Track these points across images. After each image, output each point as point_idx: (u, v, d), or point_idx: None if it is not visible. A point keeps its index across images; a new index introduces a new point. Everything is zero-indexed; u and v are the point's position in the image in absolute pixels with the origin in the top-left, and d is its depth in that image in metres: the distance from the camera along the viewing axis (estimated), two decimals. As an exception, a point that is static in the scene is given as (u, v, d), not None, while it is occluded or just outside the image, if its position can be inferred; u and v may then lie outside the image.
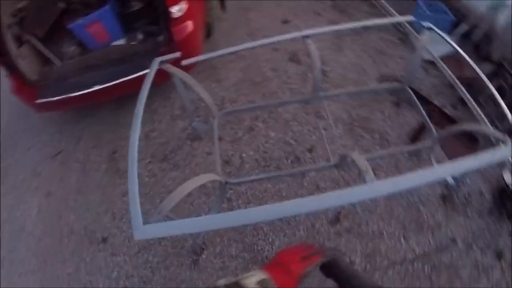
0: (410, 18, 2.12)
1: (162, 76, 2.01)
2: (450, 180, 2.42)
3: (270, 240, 2.40)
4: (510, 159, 1.74)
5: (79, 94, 2.67)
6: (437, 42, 2.30)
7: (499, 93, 2.79)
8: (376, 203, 2.51)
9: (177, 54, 2.13)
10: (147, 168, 2.84)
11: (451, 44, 2.05)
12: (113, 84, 2.71)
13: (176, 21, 2.64)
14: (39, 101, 2.66)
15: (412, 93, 2.43)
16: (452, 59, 2.86)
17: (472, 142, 2.71)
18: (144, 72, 2.73)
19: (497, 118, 2.68)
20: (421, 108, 2.36)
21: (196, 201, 2.61)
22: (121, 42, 2.97)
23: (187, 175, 2.77)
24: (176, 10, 2.60)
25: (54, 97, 2.65)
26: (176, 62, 2.12)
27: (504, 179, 2.41)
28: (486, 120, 2.38)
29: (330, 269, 0.78)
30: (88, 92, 2.68)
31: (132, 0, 2.99)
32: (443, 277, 2.22)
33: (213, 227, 1.33)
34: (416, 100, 2.40)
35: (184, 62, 2.25)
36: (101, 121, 3.20)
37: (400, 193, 2.48)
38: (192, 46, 2.81)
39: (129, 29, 2.98)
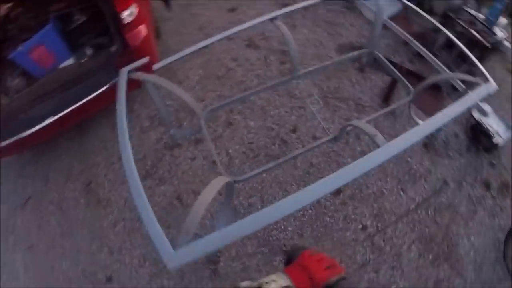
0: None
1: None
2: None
3: (282, 227, 2.39)
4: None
5: (37, 130, 2.37)
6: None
7: (449, 42, 3.04)
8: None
9: (146, 59, 2.00)
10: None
11: (405, 4, 2.20)
12: (72, 110, 2.45)
13: (129, 27, 2.44)
14: (-7, 147, 2.31)
15: (381, 56, 2.55)
16: (399, 18, 3.04)
17: (436, 91, 2.93)
18: (103, 89, 2.52)
19: (453, 64, 2.92)
20: (394, 68, 2.48)
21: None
22: (69, 62, 2.67)
23: (176, 187, 2.63)
24: (127, 15, 2.40)
25: (8, 139, 2.31)
26: (142, 69, 1.98)
27: (473, 117, 2.65)
28: (445, 68, 2.58)
29: None
30: (46, 125, 2.39)
31: (73, 14, 2.69)
32: (446, 217, 2.40)
33: (251, 230, 1.28)
34: (387, 62, 2.52)
35: (156, 66, 2.12)
36: (65, 152, 2.87)
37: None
38: (149, 51, 2.62)
39: (76, 47, 2.68)
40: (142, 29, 2.54)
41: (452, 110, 1.76)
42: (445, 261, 2.24)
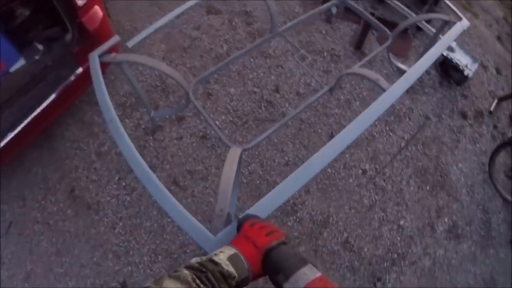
0: None
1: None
2: (405, 67, 2.72)
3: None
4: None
5: (2, 147, 2.04)
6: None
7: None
8: (356, 112, 2.67)
9: (117, 38, 1.77)
10: (121, 185, 2.40)
11: None
12: (36, 116, 2.14)
13: (83, 9, 2.14)
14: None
15: (356, 5, 2.53)
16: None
17: (402, 33, 3.02)
18: (64, 85, 2.23)
19: (413, 6, 3.01)
20: (369, 16, 2.49)
21: (195, 189, 2.39)
22: (21, 63, 2.26)
23: (169, 171, 2.45)
24: (79, -3, 2.10)
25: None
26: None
27: (441, 54, 2.79)
28: (410, 12, 2.65)
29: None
30: (9, 141, 2.06)
31: (14, 10, 2.25)
32: (434, 149, 2.56)
33: (285, 198, 1.23)
34: (363, 10, 2.51)
35: (131, 43, 1.89)
36: (36, 164, 2.48)
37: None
38: (108, 33, 2.35)
39: (24, 45, 2.28)
40: (98, 10, 2.26)
41: (437, 50, 1.82)
42: (441, 189, 2.42)
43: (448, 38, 1.94)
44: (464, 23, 2.02)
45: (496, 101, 2.81)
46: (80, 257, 2.16)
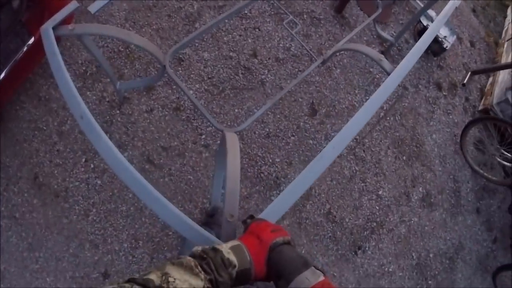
0: None
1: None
2: (390, 38, 2.66)
3: (270, 161, 2.32)
4: None
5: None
6: None
7: None
8: (337, 80, 2.60)
9: (75, 4, 1.42)
10: (89, 168, 2.15)
11: None
12: None
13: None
14: None
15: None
16: None
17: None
18: (15, 59, 1.84)
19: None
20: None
21: (172, 167, 2.22)
22: None
23: (142, 149, 2.23)
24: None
25: None
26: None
27: (421, 23, 2.75)
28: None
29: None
30: None
31: None
32: (410, 119, 2.60)
33: (298, 195, 1.13)
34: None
35: (93, 8, 1.54)
36: None
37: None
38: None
39: None
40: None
41: (435, 28, 1.77)
42: (417, 159, 2.50)
43: (444, 16, 1.87)
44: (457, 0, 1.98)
45: (469, 74, 2.89)
46: (55, 250, 1.96)
